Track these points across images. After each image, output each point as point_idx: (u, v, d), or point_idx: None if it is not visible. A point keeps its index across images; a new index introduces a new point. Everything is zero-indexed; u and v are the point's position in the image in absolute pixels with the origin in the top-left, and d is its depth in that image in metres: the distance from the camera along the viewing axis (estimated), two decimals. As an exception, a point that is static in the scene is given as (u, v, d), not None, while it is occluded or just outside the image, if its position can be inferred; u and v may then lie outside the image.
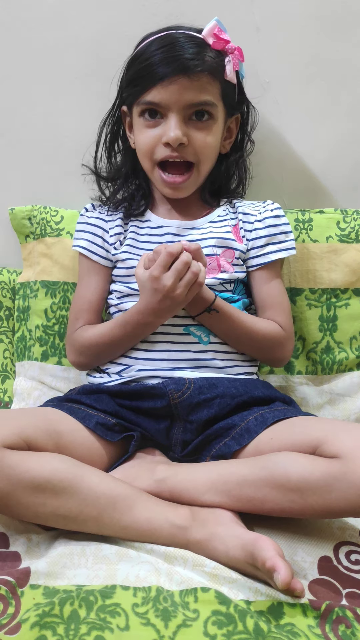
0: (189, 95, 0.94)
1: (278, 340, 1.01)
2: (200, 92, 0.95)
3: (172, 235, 1.03)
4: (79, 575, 0.72)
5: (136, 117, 1.00)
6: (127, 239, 1.04)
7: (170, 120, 0.95)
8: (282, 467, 0.76)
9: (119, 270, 1.03)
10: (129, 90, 1.00)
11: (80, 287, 1.06)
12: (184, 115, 0.96)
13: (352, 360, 1.11)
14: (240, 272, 1.02)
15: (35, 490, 0.74)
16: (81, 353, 1.02)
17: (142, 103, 0.97)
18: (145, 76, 0.95)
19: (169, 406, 0.92)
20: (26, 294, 1.19)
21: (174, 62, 0.93)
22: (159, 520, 0.77)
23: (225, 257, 1.01)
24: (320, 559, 0.76)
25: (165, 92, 0.94)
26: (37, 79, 1.19)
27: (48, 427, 0.83)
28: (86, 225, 1.07)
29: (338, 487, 0.72)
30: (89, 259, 1.05)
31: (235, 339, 0.98)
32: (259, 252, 1.03)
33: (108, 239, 1.05)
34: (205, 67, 0.94)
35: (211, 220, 1.05)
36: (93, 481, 0.77)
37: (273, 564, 0.67)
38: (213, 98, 0.97)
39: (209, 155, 1.00)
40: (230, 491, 0.79)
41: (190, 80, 0.93)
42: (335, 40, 1.15)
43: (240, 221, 1.05)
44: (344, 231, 1.13)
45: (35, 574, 0.71)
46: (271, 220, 1.04)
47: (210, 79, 0.96)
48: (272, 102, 1.17)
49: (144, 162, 1.02)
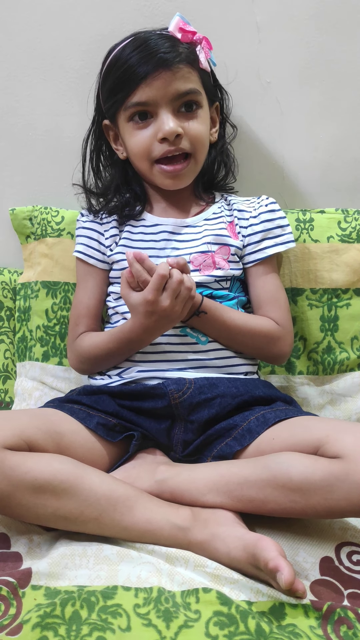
0: (174, 87, 0.95)
1: (273, 336, 0.99)
2: (184, 82, 0.96)
3: (168, 234, 1.02)
4: (80, 576, 0.71)
5: (124, 124, 1.00)
6: (122, 239, 1.04)
7: (161, 115, 0.96)
8: (284, 467, 0.75)
9: (114, 272, 1.04)
10: (111, 99, 0.99)
11: (79, 291, 1.07)
12: (173, 108, 0.96)
13: (354, 361, 1.11)
14: (236, 269, 1.02)
15: (36, 492, 0.74)
16: (82, 362, 1.02)
17: (130, 106, 0.97)
18: (126, 80, 0.95)
19: (170, 406, 0.91)
20: (27, 294, 1.19)
21: (152, 58, 0.94)
22: (160, 521, 0.76)
23: (221, 254, 1.01)
24: (321, 559, 0.76)
25: (150, 90, 0.94)
26: (38, 80, 1.19)
27: (49, 428, 0.83)
28: (82, 229, 1.07)
29: (340, 488, 0.71)
30: (85, 263, 1.05)
31: (227, 338, 0.98)
32: (256, 248, 1.03)
33: (104, 242, 1.05)
34: (182, 58, 0.95)
35: (206, 218, 1.04)
36: (94, 482, 0.77)
37: (276, 565, 0.66)
38: (197, 86, 0.98)
39: (204, 142, 1.01)
40: (231, 492, 0.78)
41: (172, 72, 0.94)
42: (336, 40, 1.15)
43: (235, 218, 1.05)
44: (345, 231, 1.13)
45: (37, 574, 0.71)
46: (266, 215, 1.04)
47: (189, 68, 0.97)
48: (273, 102, 1.17)
49: (141, 164, 1.01)
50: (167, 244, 1.01)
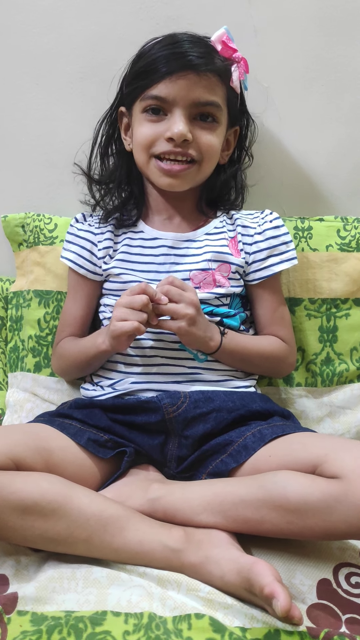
0: (197, 93, 0.93)
1: (282, 356, 1.02)
2: (208, 92, 0.94)
3: (167, 248, 1.00)
4: (69, 600, 0.69)
5: (137, 114, 0.98)
6: (119, 252, 1.02)
7: (174, 115, 0.93)
8: (281, 487, 0.74)
9: (111, 284, 1.01)
10: (134, 84, 0.97)
11: (68, 300, 1.07)
12: (189, 113, 0.94)
13: (353, 372, 1.09)
14: (237, 286, 1.00)
15: (23, 513, 0.72)
16: (59, 364, 1.06)
17: (147, 97, 0.95)
18: (151, 70, 0.94)
19: (164, 421, 0.90)
20: (19, 303, 1.17)
21: (183, 57, 0.92)
22: (151, 542, 0.75)
23: (221, 271, 0.99)
24: (319, 582, 0.74)
25: (172, 87, 0.92)
26: (31, 84, 1.18)
27: (37, 445, 0.81)
28: (75, 237, 1.05)
29: (338, 509, 0.70)
30: (76, 272, 1.03)
31: (242, 364, 0.99)
32: (261, 266, 1.01)
33: (96, 253, 1.03)
34: (214, 68, 0.94)
35: (207, 232, 1.03)
36: (83, 502, 0.75)
37: (271, 591, 0.64)
38: (220, 101, 0.96)
39: (213, 155, 0.98)
40: (226, 512, 0.76)
41: (199, 77, 0.92)
42: (337, 43, 1.14)
43: (238, 234, 1.03)
44: (344, 240, 1.11)
45: (23, 599, 0.69)
46: (271, 232, 1.02)
47: (217, 80, 0.95)
48: (271, 107, 1.16)
49: (140, 155, 0.98)
50: (166, 258, 1.00)
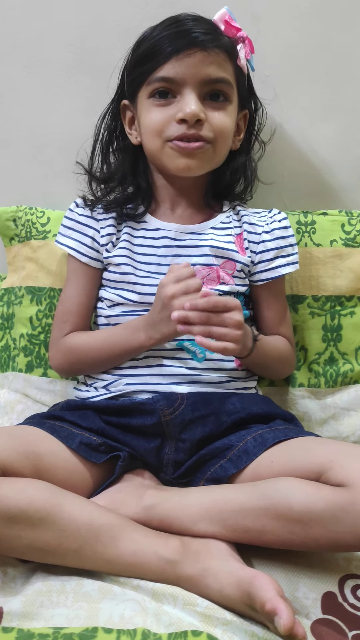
0: (207, 70, 0.89)
1: (291, 357, 1.02)
2: (218, 69, 0.91)
3: (169, 240, 0.97)
4: (58, 615, 0.66)
5: (144, 101, 0.94)
6: (121, 241, 0.98)
7: (185, 96, 0.90)
8: (284, 495, 0.71)
9: (111, 274, 0.97)
10: (137, 70, 0.93)
11: (69, 287, 1.01)
12: (199, 92, 0.90)
13: (358, 373, 1.06)
14: (242, 285, 0.98)
15: (9, 522, 0.69)
16: (68, 360, 0.98)
17: (154, 80, 0.91)
18: (156, 52, 0.90)
19: (160, 423, 0.87)
20: (10, 300, 1.13)
21: (189, 34, 0.89)
22: (146, 553, 0.71)
23: (226, 268, 0.96)
24: (324, 595, 0.71)
25: (180, 66, 0.89)
26: (22, 72, 1.14)
27: (26, 449, 0.78)
28: (75, 223, 1.00)
29: (345, 519, 0.67)
30: (77, 260, 0.99)
31: (259, 368, 0.98)
32: (268, 266, 0.99)
33: (99, 239, 0.98)
34: (221, 45, 0.91)
35: (213, 227, 0.99)
36: (73, 510, 0.71)
37: (273, 607, 0.61)
38: (230, 78, 0.92)
39: (227, 136, 0.95)
40: (225, 520, 0.73)
41: (208, 53, 0.89)
42: (339, 30, 1.12)
43: (245, 231, 1.00)
44: (349, 234, 1.08)
45: (9, 615, 0.66)
46: (280, 232, 0.99)
47: (225, 57, 0.92)
48: (272, 97, 1.12)
49: (152, 143, 0.94)
50: (168, 250, 0.96)
